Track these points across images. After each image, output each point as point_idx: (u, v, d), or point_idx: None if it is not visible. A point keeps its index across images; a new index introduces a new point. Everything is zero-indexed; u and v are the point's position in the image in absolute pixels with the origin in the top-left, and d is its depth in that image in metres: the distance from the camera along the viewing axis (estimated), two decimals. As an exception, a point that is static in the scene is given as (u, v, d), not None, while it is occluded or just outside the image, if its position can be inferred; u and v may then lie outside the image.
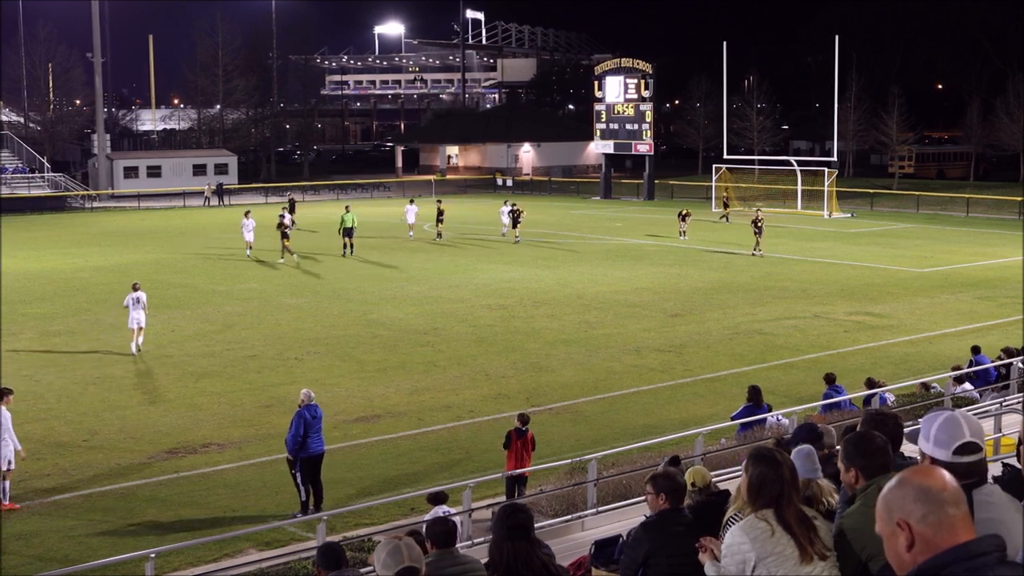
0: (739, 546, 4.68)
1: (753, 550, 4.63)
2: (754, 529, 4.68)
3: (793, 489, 4.81)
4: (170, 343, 27.39)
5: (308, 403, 16.25)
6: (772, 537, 4.64)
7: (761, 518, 4.70)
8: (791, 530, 4.65)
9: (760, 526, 4.67)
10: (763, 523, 4.68)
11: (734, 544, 4.71)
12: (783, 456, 5.01)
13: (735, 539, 4.72)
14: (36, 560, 14.40)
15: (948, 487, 2.89)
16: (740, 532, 4.72)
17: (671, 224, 51.25)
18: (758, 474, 4.81)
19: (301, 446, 16.05)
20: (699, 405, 21.85)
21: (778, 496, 4.74)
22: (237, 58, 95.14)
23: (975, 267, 40.22)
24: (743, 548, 4.66)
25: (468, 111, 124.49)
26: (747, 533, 4.68)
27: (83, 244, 48.37)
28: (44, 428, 20.26)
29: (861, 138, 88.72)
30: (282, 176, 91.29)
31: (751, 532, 4.67)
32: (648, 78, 70.87)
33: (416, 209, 49.91)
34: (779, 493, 4.74)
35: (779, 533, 4.64)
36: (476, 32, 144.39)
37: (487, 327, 29.29)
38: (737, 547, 4.69)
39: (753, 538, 4.65)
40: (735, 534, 4.75)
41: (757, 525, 4.69)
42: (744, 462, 5.07)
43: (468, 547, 12.01)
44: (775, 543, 4.63)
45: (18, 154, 78.52)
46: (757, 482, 4.79)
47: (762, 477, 4.79)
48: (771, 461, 4.86)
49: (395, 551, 4.88)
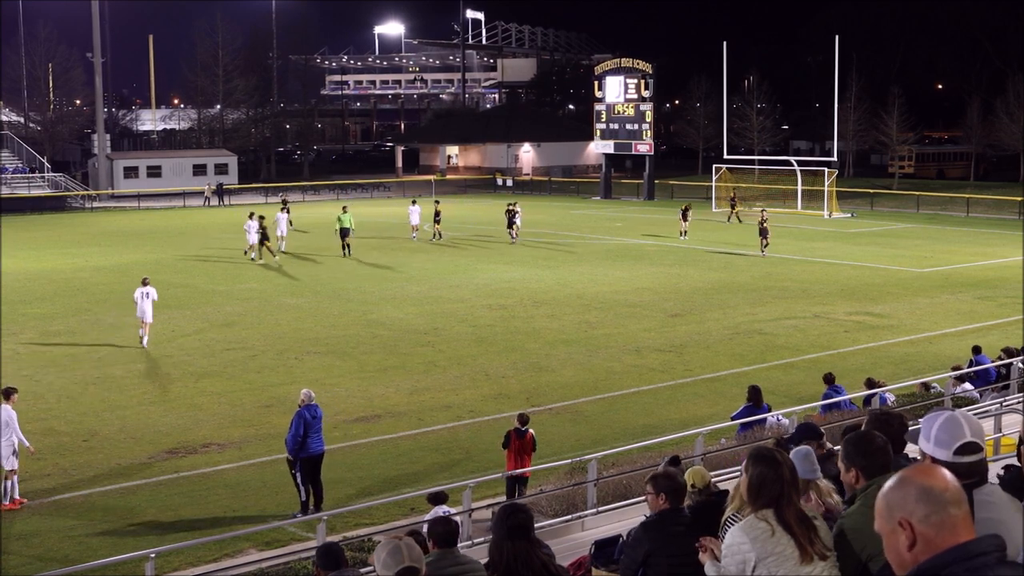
0: (739, 546, 4.67)
1: (753, 550, 4.62)
2: (754, 529, 4.67)
3: (793, 489, 4.80)
4: (170, 343, 27.39)
5: (308, 403, 16.25)
6: (772, 537, 4.63)
7: (761, 518, 4.69)
8: (791, 530, 4.64)
9: (760, 526, 4.66)
10: (763, 523, 4.67)
11: (734, 544, 4.70)
12: (783, 456, 5.00)
13: (735, 539, 4.71)
14: (36, 560, 14.40)
15: (950, 487, 2.89)
16: (740, 532, 4.71)
17: (670, 224, 51.24)
18: (758, 474, 4.80)
19: (301, 446, 16.05)
20: (699, 405, 21.85)
21: (778, 496, 4.73)
22: (237, 58, 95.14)
23: (975, 267, 40.22)
24: (743, 548, 4.65)
25: (468, 111, 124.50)
26: (747, 533, 4.67)
27: (83, 244, 48.37)
28: (44, 428, 20.25)
29: (861, 138, 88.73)
30: (282, 176, 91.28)
31: (751, 532, 4.66)
32: (648, 78, 70.87)
33: (419, 209, 49.63)
34: (779, 493, 4.73)
35: (779, 533, 4.63)
36: (476, 32, 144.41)
37: (487, 327, 29.29)
38: (737, 547, 4.68)
39: (753, 538, 4.64)
40: (735, 534, 4.74)
41: (757, 525, 4.68)
42: (744, 462, 5.07)
43: (468, 547, 12.01)
44: (775, 543, 4.62)
45: (18, 154, 78.52)
46: (757, 482, 4.78)
47: (762, 477, 4.78)
48: (771, 461, 4.85)
49: (395, 551, 4.88)
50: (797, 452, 6.92)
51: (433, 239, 47.92)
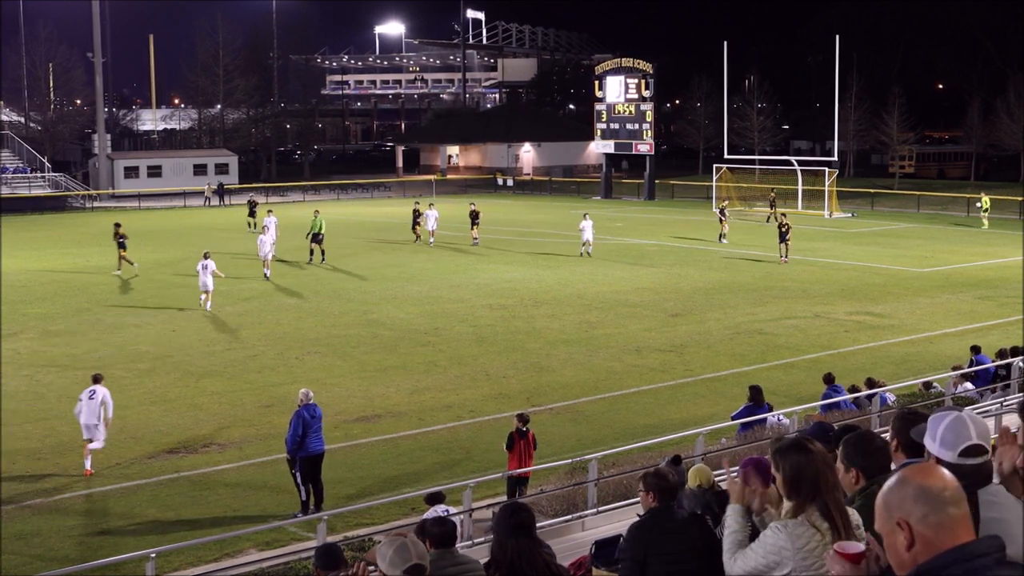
0: (780, 549, 4.50)
1: (793, 559, 4.45)
2: (800, 538, 4.43)
3: (831, 471, 4.54)
4: (170, 343, 27.39)
5: (307, 403, 16.25)
6: (818, 544, 4.37)
7: (810, 522, 4.43)
8: (834, 522, 4.42)
9: (807, 534, 4.43)
10: (811, 529, 4.43)
11: (775, 545, 4.53)
12: (813, 444, 4.74)
13: (778, 541, 4.52)
14: (36, 560, 14.39)
15: (949, 487, 2.88)
16: (785, 536, 4.50)
17: (671, 224, 51.13)
18: (792, 464, 4.53)
19: (300, 446, 16.05)
20: (700, 405, 21.84)
21: (817, 483, 4.48)
22: (237, 58, 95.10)
23: (975, 267, 40.20)
24: (784, 553, 4.48)
25: (468, 111, 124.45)
26: (792, 540, 4.46)
27: (83, 244, 48.34)
28: (44, 428, 20.26)
29: (862, 138, 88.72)
30: (283, 176, 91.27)
31: (797, 540, 4.44)
32: (648, 78, 70.86)
33: (436, 214, 47.34)
34: (817, 479, 4.48)
35: (827, 540, 4.35)
36: (476, 32, 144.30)
37: (488, 327, 29.28)
38: (777, 549, 4.52)
39: (798, 547, 4.43)
40: (778, 535, 4.53)
41: (804, 533, 4.44)
42: (768, 461, 4.82)
43: (468, 547, 12.01)
44: (817, 556, 4.37)
45: (18, 154, 78.51)
46: (793, 473, 4.52)
47: (797, 466, 4.51)
48: (802, 448, 4.60)
49: (402, 548, 4.88)
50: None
51: (430, 243, 46.79)
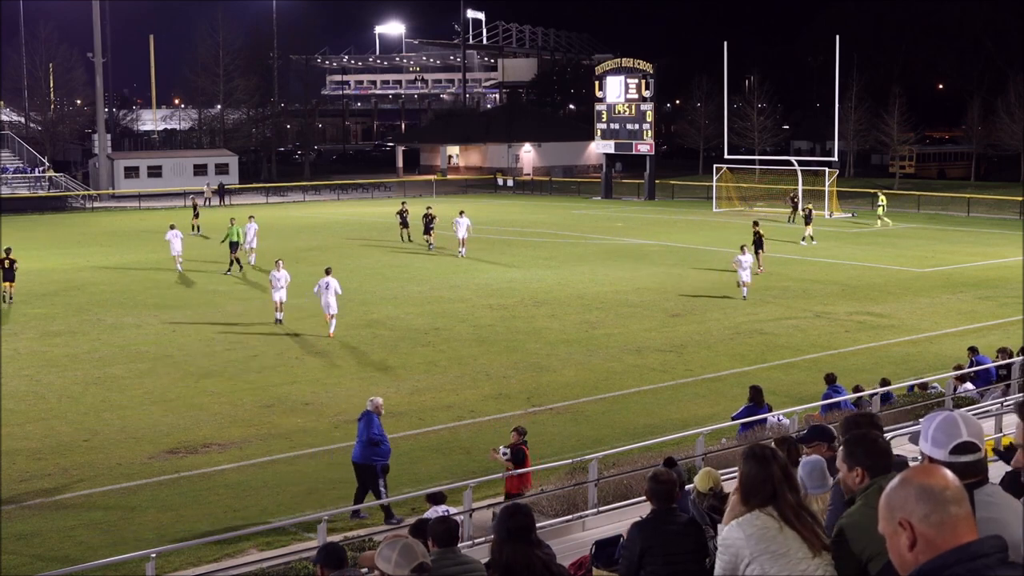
0: (734, 541, 4.59)
1: (747, 546, 4.54)
2: (751, 526, 4.58)
3: (786, 486, 4.69)
4: (171, 343, 27.39)
5: (374, 411, 16.19)
6: (778, 534, 4.52)
7: (767, 513, 4.60)
8: (793, 525, 4.55)
9: (758, 523, 4.58)
10: (765, 518, 4.58)
11: (728, 539, 4.63)
12: (775, 453, 4.89)
13: (731, 534, 4.63)
14: (36, 560, 14.39)
15: (950, 486, 2.88)
16: (736, 528, 4.63)
17: (671, 224, 51.11)
18: (747, 473, 4.72)
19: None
20: (700, 405, 21.84)
21: (771, 495, 4.64)
22: (238, 58, 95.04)
23: (976, 267, 40.20)
24: (737, 543, 4.57)
25: (469, 111, 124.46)
26: (743, 529, 4.59)
27: (83, 244, 48.37)
28: (44, 428, 20.25)
29: (862, 138, 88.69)
30: (283, 176, 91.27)
31: (748, 528, 4.58)
32: (649, 78, 70.83)
33: (467, 222, 43.65)
34: (771, 492, 4.64)
35: (786, 531, 4.53)
36: (477, 32, 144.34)
37: (488, 327, 29.28)
38: (732, 542, 4.60)
39: (749, 535, 4.56)
40: (731, 529, 4.66)
41: (755, 522, 4.59)
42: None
43: (468, 547, 12.00)
44: (772, 540, 4.51)
45: (19, 154, 78.47)
46: (747, 481, 4.71)
47: (751, 476, 4.70)
48: (761, 459, 4.76)
49: (406, 549, 4.87)
50: (805, 465, 6.84)
51: (429, 248, 46.44)
